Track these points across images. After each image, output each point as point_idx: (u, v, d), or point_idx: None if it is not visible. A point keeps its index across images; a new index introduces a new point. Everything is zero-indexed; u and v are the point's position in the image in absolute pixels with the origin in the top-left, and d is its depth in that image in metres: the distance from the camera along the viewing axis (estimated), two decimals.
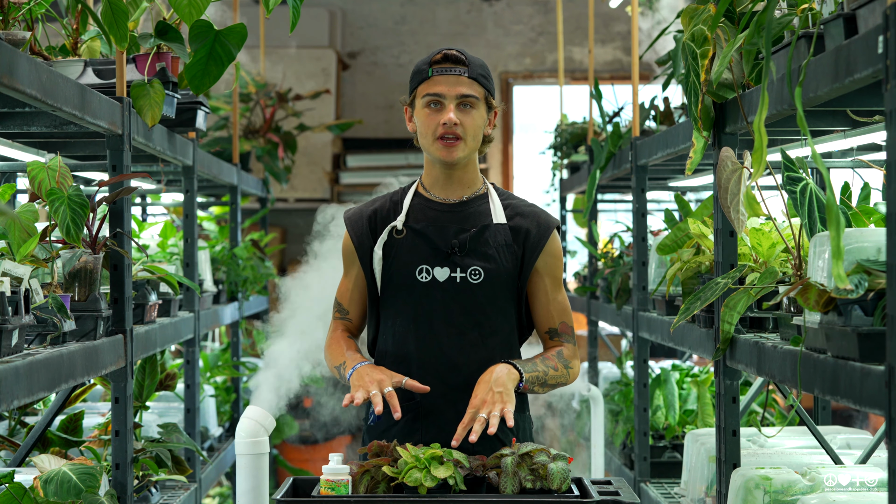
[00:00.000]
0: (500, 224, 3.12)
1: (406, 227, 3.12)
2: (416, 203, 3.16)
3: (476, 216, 3.12)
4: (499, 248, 3.09)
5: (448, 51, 3.07)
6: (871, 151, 3.72)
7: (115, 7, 3.13)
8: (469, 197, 3.14)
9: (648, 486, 4.49)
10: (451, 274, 3.07)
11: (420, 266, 3.08)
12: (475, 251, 3.08)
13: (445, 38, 9.92)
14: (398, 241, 3.11)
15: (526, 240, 3.11)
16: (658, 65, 5.29)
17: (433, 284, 3.07)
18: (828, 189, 2.24)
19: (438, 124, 3.04)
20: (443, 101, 3.04)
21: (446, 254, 3.08)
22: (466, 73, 3.06)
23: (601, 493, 2.79)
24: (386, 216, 3.16)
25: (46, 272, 3.16)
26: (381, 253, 3.11)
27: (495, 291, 3.08)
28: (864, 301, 2.22)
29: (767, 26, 2.39)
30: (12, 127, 3.29)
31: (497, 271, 3.08)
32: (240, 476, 3.16)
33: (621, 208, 7.72)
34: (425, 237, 3.10)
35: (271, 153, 7.68)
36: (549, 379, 3.06)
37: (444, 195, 3.15)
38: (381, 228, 3.14)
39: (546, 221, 3.15)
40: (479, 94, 3.06)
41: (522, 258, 3.11)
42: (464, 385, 3.03)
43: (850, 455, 3.50)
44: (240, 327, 6.33)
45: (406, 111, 3.15)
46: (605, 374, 6.44)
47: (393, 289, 3.11)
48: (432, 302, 3.07)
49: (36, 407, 4.00)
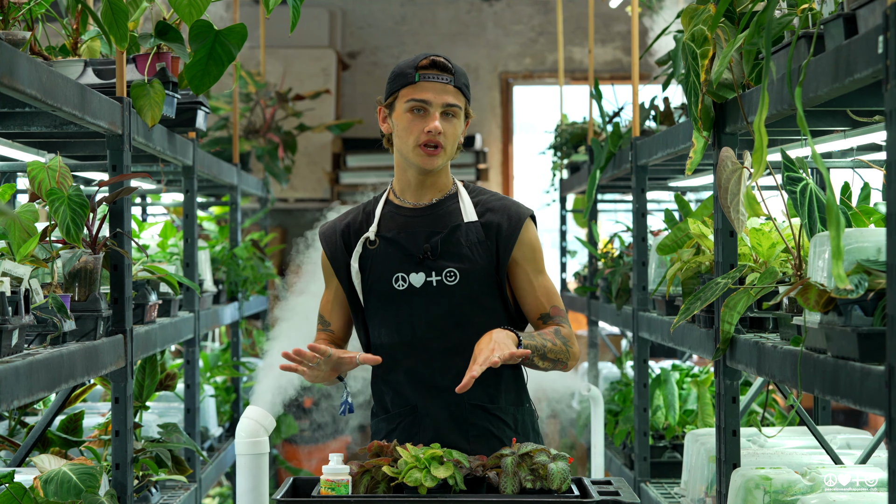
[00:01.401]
0: (472, 222, 3.09)
1: (378, 236, 3.10)
2: (386, 211, 3.14)
3: (446, 217, 3.10)
4: (472, 247, 3.07)
5: (435, 57, 3.04)
6: (871, 151, 3.72)
7: (115, 7, 3.13)
8: (439, 199, 3.12)
9: (648, 486, 4.49)
10: (426, 279, 3.06)
11: (396, 274, 3.07)
12: (448, 253, 3.06)
13: (445, 38, 9.92)
14: (372, 252, 3.10)
15: (498, 234, 3.09)
16: (658, 65, 5.29)
17: (410, 291, 3.06)
18: (828, 189, 2.24)
19: (422, 131, 3.01)
20: (428, 108, 3.02)
21: (419, 259, 3.06)
22: (452, 81, 3.04)
23: (601, 493, 2.79)
24: (359, 228, 3.14)
25: (46, 272, 3.16)
26: (357, 266, 3.10)
27: (473, 290, 3.06)
28: (864, 301, 2.22)
29: (767, 26, 2.39)
30: (12, 127, 3.29)
31: (472, 270, 3.06)
32: (240, 476, 3.16)
33: (621, 208, 7.72)
34: (397, 244, 3.08)
35: (271, 153, 7.68)
36: (549, 353, 3.02)
37: (414, 200, 3.12)
38: (354, 241, 3.13)
39: (517, 213, 3.12)
40: (461, 104, 3.05)
41: (497, 253, 3.08)
42: (455, 386, 3.02)
43: (850, 455, 3.50)
44: (240, 327, 6.33)
45: (380, 111, 3.12)
46: (605, 374, 6.44)
47: (374, 300, 3.10)
48: (412, 308, 3.06)
49: (36, 407, 4.00)
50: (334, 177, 9.37)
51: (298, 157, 8.90)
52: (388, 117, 3.10)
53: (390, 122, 3.09)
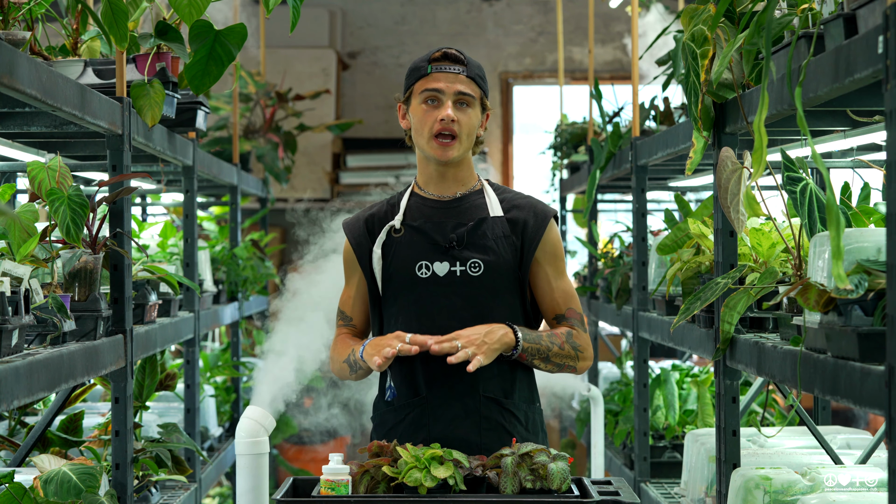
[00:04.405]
0: (498, 217, 3.12)
1: (404, 225, 3.13)
2: (412, 202, 3.17)
3: (472, 210, 3.13)
4: (497, 240, 3.10)
5: (447, 49, 3.10)
6: (871, 151, 3.72)
7: (115, 7, 3.13)
8: (464, 193, 3.15)
9: (648, 486, 4.49)
10: (450, 268, 3.08)
11: (419, 262, 3.09)
12: (474, 244, 3.09)
13: (445, 38, 9.92)
14: (396, 240, 3.12)
15: (524, 231, 3.12)
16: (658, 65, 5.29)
17: (433, 280, 3.08)
18: (828, 189, 2.24)
19: (436, 120, 3.05)
20: (441, 98, 3.06)
21: (445, 248, 3.09)
22: (465, 72, 3.08)
23: (601, 493, 2.79)
24: (383, 218, 3.17)
25: (46, 272, 3.16)
26: (380, 252, 3.12)
27: (496, 283, 3.08)
28: (864, 301, 2.22)
29: (767, 26, 2.39)
30: (12, 127, 3.29)
31: (497, 263, 3.08)
32: (240, 476, 3.16)
33: (621, 208, 7.73)
34: (423, 233, 3.11)
35: (271, 153, 7.68)
36: (553, 356, 3.05)
37: (439, 192, 3.15)
38: (378, 229, 3.15)
39: (543, 211, 3.15)
40: (475, 93, 3.09)
41: (522, 249, 3.11)
42: (471, 378, 3.03)
43: (850, 455, 3.50)
44: (240, 327, 6.33)
45: (400, 108, 3.16)
46: (605, 374, 6.45)
47: (394, 287, 3.12)
48: (434, 297, 3.07)
49: (36, 407, 4.00)
50: (334, 177, 9.37)
51: (298, 157, 8.90)
52: (407, 113, 3.13)
53: (409, 118, 3.12)
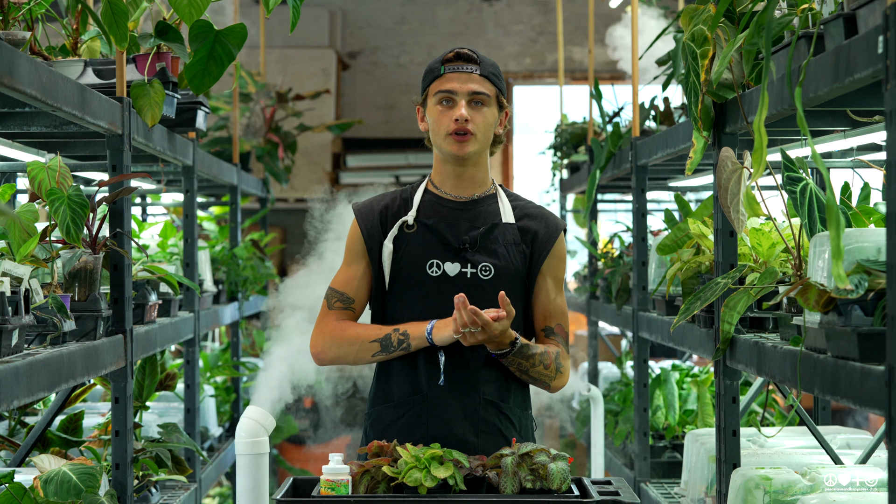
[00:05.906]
0: (509, 223, 3.13)
1: (417, 221, 3.13)
2: (426, 199, 3.16)
3: (486, 215, 3.14)
4: (508, 247, 3.11)
5: (460, 49, 3.10)
6: (871, 151, 3.72)
7: (115, 7, 3.13)
8: (479, 196, 3.16)
9: (648, 486, 4.49)
10: (461, 269, 3.08)
11: (430, 260, 3.09)
12: (485, 248, 3.10)
13: (445, 38, 9.92)
14: (408, 236, 3.12)
15: (534, 240, 3.13)
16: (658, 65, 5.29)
17: (444, 279, 3.08)
18: (828, 189, 2.24)
19: (451, 120, 3.05)
20: (454, 98, 3.06)
21: (457, 249, 3.09)
22: (478, 70, 3.08)
23: (601, 493, 2.79)
24: (396, 212, 3.16)
25: (46, 272, 3.16)
26: (391, 247, 3.12)
27: (505, 288, 3.07)
28: (864, 301, 2.22)
29: (767, 26, 2.39)
30: (12, 127, 3.29)
31: (507, 268, 3.09)
32: (240, 476, 3.16)
33: (621, 208, 7.72)
34: (436, 232, 3.11)
35: (271, 153, 7.69)
36: (533, 371, 3.06)
37: (454, 192, 3.16)
38: (391, 224, 3.14)
39: (554, 224, 3.17)
40: (490, 91, 3.08)
41: (531, 258, 3.13)
42: (471, 380, 3.04)
43: (850, 455, 3.50)
44: (240, 327, 6.33)
45: (418, 111, 3.17)
46: (605, 374, 6.44)
47: (402, 283, 3.11)
48: (442, 296, 3.07)
49: (36, 407, 4.00)
50: (334, 177, 9.37)
51: (298, 157, 8.90)
52: (425, 116, 3.14)
53: (427, 121, 3.14)
